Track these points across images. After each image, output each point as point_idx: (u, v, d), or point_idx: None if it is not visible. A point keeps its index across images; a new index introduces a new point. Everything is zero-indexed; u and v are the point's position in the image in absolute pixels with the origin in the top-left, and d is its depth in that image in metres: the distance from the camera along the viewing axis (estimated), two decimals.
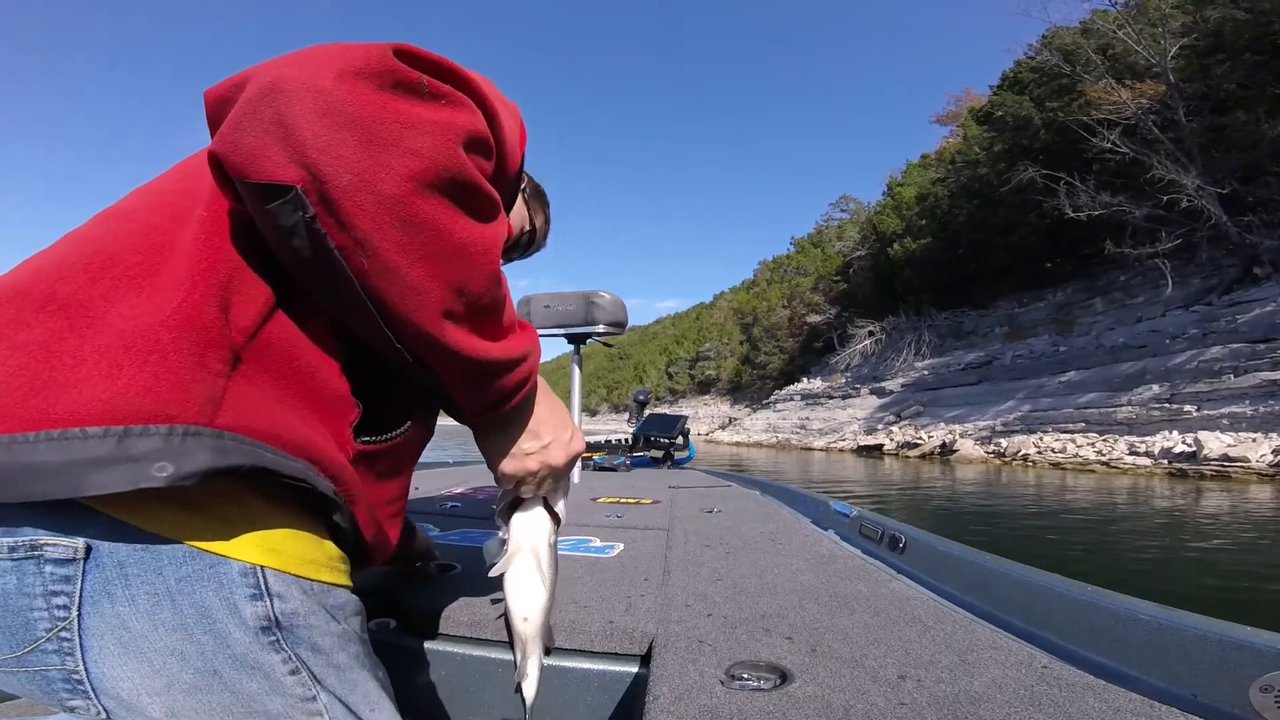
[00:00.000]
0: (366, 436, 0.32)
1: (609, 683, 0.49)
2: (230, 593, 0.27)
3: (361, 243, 0.24)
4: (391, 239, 0.24)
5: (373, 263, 0.24)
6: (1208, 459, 7.01)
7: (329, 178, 0.22)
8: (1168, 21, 10.65)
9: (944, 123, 22.65)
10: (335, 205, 0.23)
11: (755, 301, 28.68)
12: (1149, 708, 0.31)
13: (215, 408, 0.25)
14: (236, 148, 0.23)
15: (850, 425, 15.53)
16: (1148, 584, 2.57)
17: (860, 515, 0.86)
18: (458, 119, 0.25)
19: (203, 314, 0.26)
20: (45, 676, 0.26)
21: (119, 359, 0.24)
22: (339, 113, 0.22)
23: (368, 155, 0.23)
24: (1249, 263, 9.72)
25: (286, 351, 0.29)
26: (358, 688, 0.31)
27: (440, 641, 0.54)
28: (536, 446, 0.37)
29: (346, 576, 0.33)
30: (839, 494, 3.46)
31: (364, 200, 0.23)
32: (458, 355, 0.29)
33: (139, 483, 0.23)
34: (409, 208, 0.24)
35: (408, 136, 0.23)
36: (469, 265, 0.26)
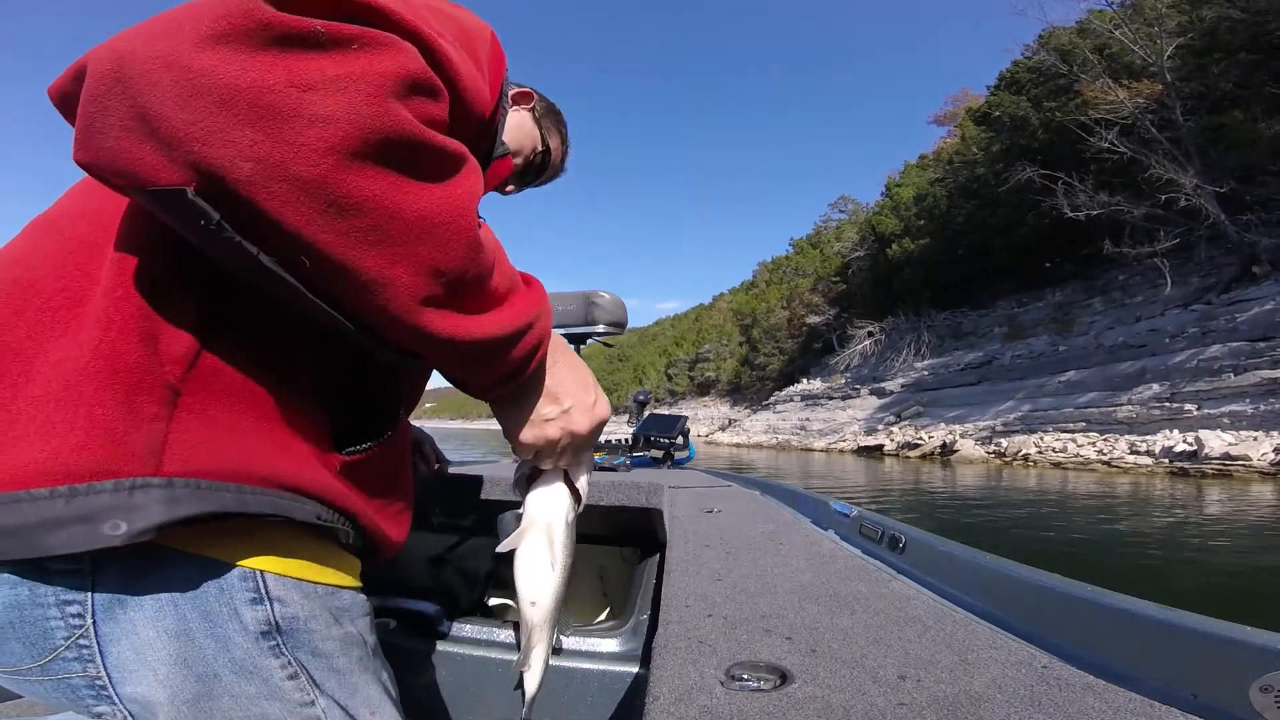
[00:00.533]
0: (352, 446, 0.30)
1: (609, 683, 0.49)
2: (231, 597, 0.26)
3: (293, 241, 0.19)
4: (327, 230, 0.19)
5: (317, 263, 0.20)
6: (1209, 458, 7.02)
7: (225, 172, 0.18)
8: (1164, 21, 10.69)
9: (942, 123, 22.75)
10: (244, 203, 0.18)
11: (754, 303, 28.71)
12: (1149, 708, 0.31)
13: (159, 456, 0.23)
14: (99, 154, 0.19)
15: (850, 426, 15.53)
16: (1149, 584, 2.57)
17: (860, 515, 0.86)
18: (376, 65, 0.19)
19: (122, 354, 0.23)
20: (69, 684, 0.26)
21: (50, 415, 0.23)
22: (210, 90, 0.18)
23: (265, 135, 0.18)
24: (1248, 261, 9.74)
25: (235, 373, 0.26)
26: (358, 691, 0.30)
27: (440, 641, 0.54)
28: (556, 412, 0.33)
29: (354, 576, 0.32)
30: (839, 494, 3.46)
31: (278, 190, 0.18)
32: (451, 342, 0.25)
33: (95, 543, 0.22)
34: (337, 188, 0.19)
35: (310, 101, 0.18)
36: (436, 239, 0.21)
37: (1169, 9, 10.85)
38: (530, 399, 0.32)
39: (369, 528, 0.32)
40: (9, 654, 0.25)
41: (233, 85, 0.18)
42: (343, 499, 0.30)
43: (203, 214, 0.19)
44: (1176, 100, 10.68)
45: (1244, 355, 8.26)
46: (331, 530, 0.30)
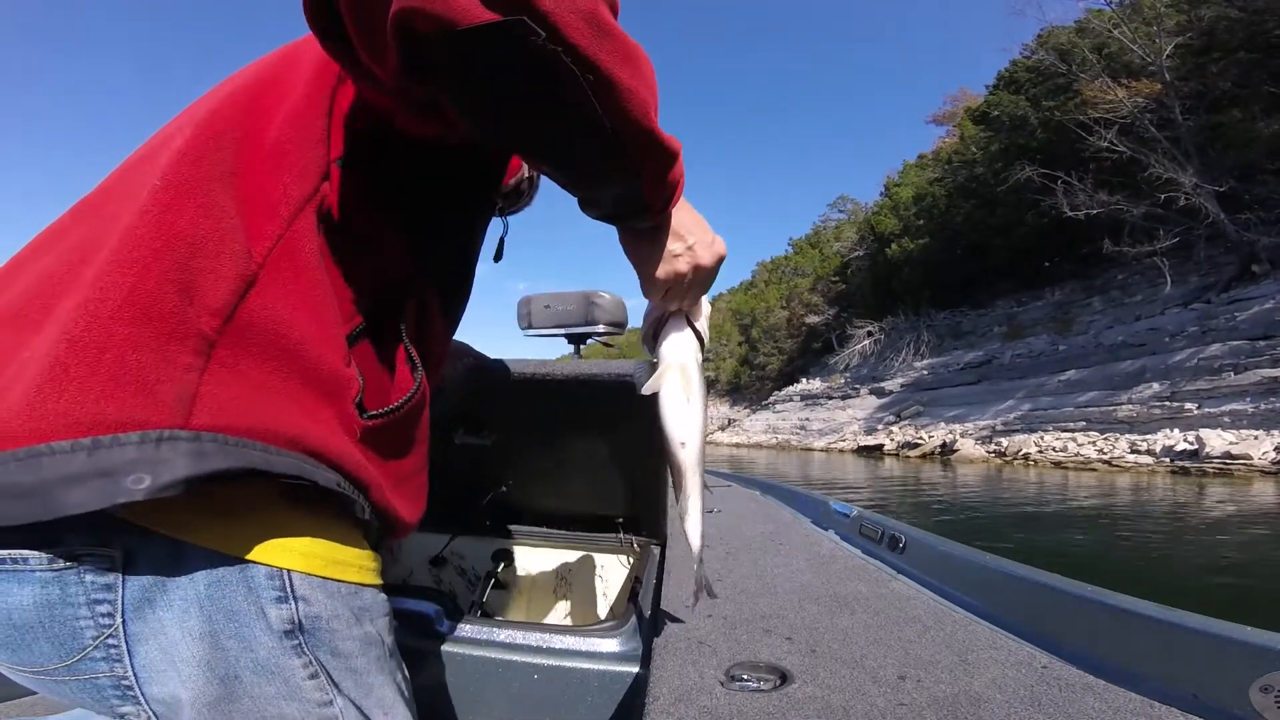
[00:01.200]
0: (374, 410, 0.30)
1: (609, 683, 0.49)
2: (258, 596, 0.26)
3: (581, 59, 0.23)
4: (603, 49, 0.23)
5: (597, 76, 0.23)
6: (1210, 457, 7.01)
7: (537, 5, 0.21)
8: (1162, 20, 10.69)
9: (940, 123, 22.74)
10: (553, 27, 0.21)
11: (753, 302, 28.68)
12: (1149, 708, 0.31)
13: (189, 406, 0.23)
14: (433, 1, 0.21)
15: (850, 426, 15.53)
16: (1149, 584, 2.56)
17: (860, 515, 0.86)
18: None
19: (159, 303, 0.23)
20: (95, 684, 0.26)
21: (71, 360, 0.22)
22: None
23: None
24: (1247, 260, 9.75)
25: (271, 329, 0.26)
26: (373, 692, 0.31)
27: (440, 641, 0.54)
28: (683, 248, 0.36)
29: (376, 575, 0.32)
30: (839, 495, 3.46)
31: (571, 19, 0.22)
32: (665, 148, 0.28)
33: (115, 498, 0.22)
34: (601, 16, 0.23)
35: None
36: (643, 64, 0.26)
37: (1167, 8, 10.85)
38: (666, 234, 0.35)
39: (380, 503, 0.32)
40: (37, 653, 0.25)
41: None
42: (358, 468, 0.30)
43: (533, 33, 0.21)
44: (1175, 99, 10.68)
45: (1244, 354, 8.27)
46: (349, 505, 0.29)
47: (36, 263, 0.27)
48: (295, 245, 0.28)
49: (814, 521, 0.96)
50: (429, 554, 0.84)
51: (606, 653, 0.51)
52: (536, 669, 0.51)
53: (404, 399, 0.33)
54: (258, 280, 0.27)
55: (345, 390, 0.29)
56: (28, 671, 0.26)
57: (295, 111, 0.30)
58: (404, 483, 0.35)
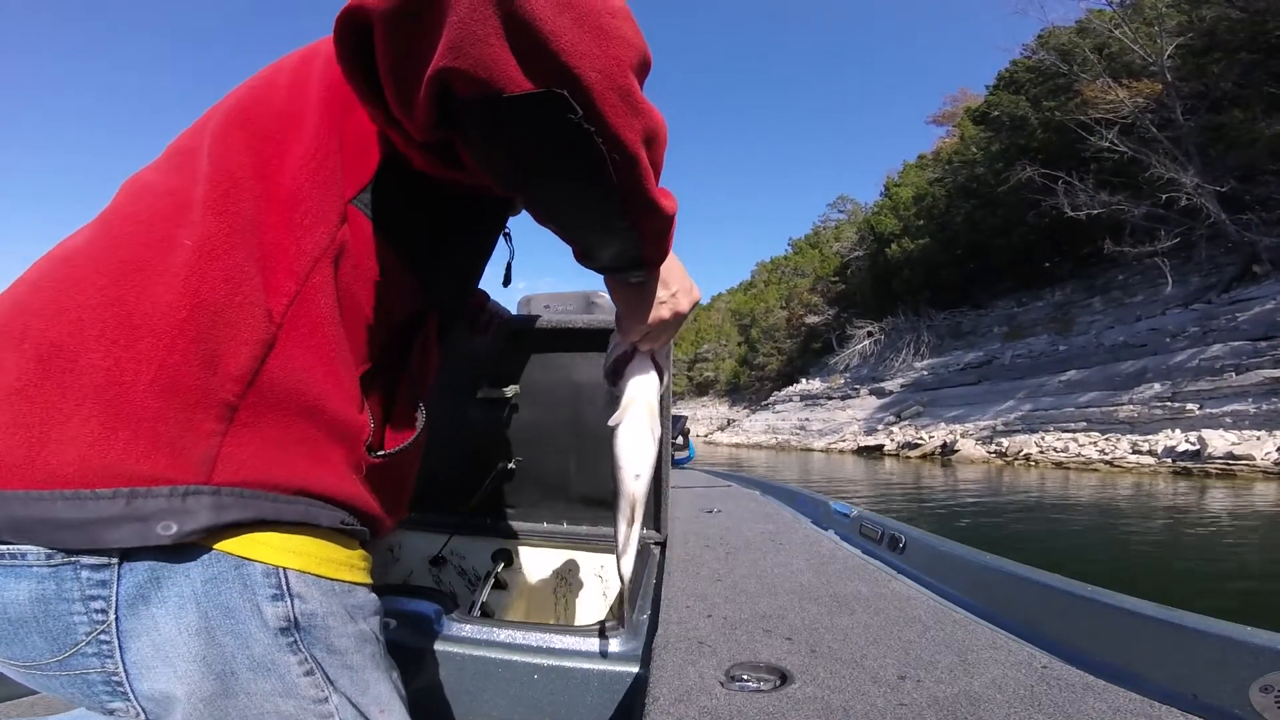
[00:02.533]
0: (382, 450, 0.33)
1: (609, 683, 0.49)
2: (254, 593, 0.27)
3: (612, 137, 0.23)
4: (633, 127, 0.24)
5: (622, 154, 0.24)
6: (1212, 457, 6.99)
7: (581, 78, 0.21)
8: (1164, 21, 10.68)
9: (940, 123, 22.74)
10: (590, 104, 0.22)
11: (753, 303, 28.70)
12: (1149, 708, 0.31)
13: (211, 467, 0.26)
14: (480, 61, 0.21)
15: (850, 426, 15.52)
16: (1149, 584, 2.56)
17: (860, 515, 0.86)
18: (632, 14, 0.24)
19: (185, 375, 0.26)
20: (86, 679, 0.26)
21: (110, 422, 0.25)
22: (570, 7, 0.21)
23: (602, 49, 0.22)
24: (1248, 261, 9.73)
25: (291, 388, 0.28)
26: (370, 689, 0.31)
27: (440, 641, 0.54)
28: (667, 295, 0.38)
29: (368, 575, 0.33)
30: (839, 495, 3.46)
31: (610, 97, 0.22)
32: (666, 212, 0.29)
33: (147, 540, 0.25)
34: (636, 96, 0.23)
35: (621, 26, 0.23)
36: (662, 137, 0.27)
37: (1168, 8, 10.83)
38: (656, 285, 0.37)
39: (375, 517, 0.34)
40: (29, 647, 0.25)
41: (583, 6, 0.22)
42: (363, 503, 0.32)
43: (570, 109, 0.22)
44: (1176, 99, 10.66)
45: (1246, 354, 8.25)
46: (356, 532, 0.32)
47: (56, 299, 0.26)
48: (312, 299, 0.29)
49: (814, 521, 0.96)
50: (429, 554, 0.84)
51: (607, 653, 0.51)
52: (536, 669, 0.51)
53: (410, 441, 0.35)
54: (277, 341, 0.28)
55: (358, 435, 0.31)
56: (18, 665, 0.26)
57: (309, 153, 0.30)
58: (396, 498, 0.37)
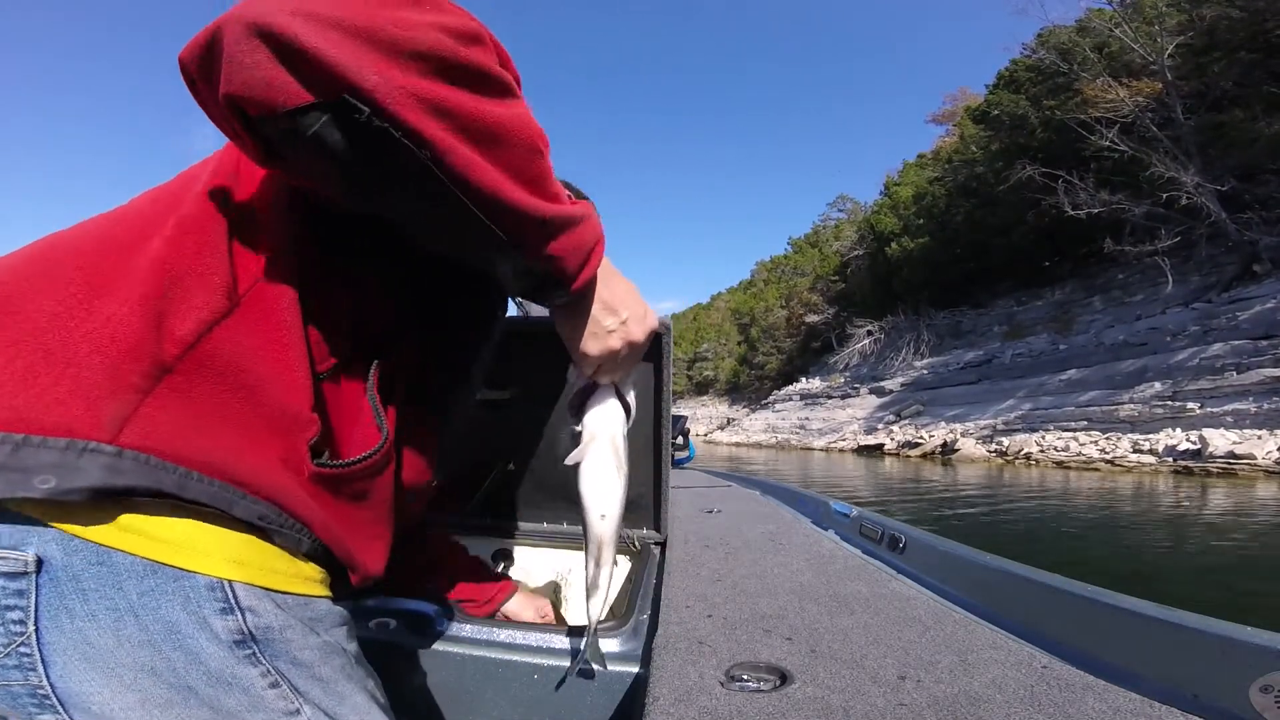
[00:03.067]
0: (330, 460, 0.30)
1: (609, 683, 0.49)
2: (199, 608, 0.26)
3: (414, 135, 0.23)
4: (441, 126, 0.23)
5: (435, 152, 0.24)
6: (1213, 456, 6.98)
7: (358, 80, 0.22)
8: (1164, 20, 10.67)
9: (940, 122, 22.72)
10: (377, 105, 0.22)
11: (753, 302, 28.68)
12: (1149, 708, 0.31)
13: (121, 425, 0.25)
14: (252, 85, 0.22)
15: (850, 425, 15.52)
16: (1150, 583, 2.56)
17: (860, 515, 0.86)
18: (450, 17, 0.24)
19: (125, 326, 0.25)
20: (9, 691, 0.25)
21: (35, 367, 0.24)
22: (340, 22, 0.22)
23: (380, 56, 0.22)
24: (1248, 260, 9.73)
25: (232, 363, 0.27)
26: (345, 700, 0.30)
27: (440, 641, 0.54)
28: (616, 323, 0.36)
29: (325, 587, 0.32)
30: (839, 495, 3.45)
31: (397, 96, 0.22)
32: (547, 220, 0.28)
33: (15, 491, 0.23)
34: (438, 96, 0.23)
35: (407, 36, 0.23)
36: (507, 136, 0.26)
37: (1168, 8, 10.82)
38: (590, 307, 0.35)
39: (332, 542, 0.31)
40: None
41: (355, 23, 0.22)
42: (301, 506, 0.29)
43: (355, 110, 0.22)
44: (1177, 99, 10.65)
45: (1246, 354, 8.24)
46: (284, 535, 0.29)
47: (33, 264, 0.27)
48: (276, 285, 0.29)
49: (814, 521, 0.96)
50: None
51: (606, 653, 0.51)
52: (536, 669, 0.51)
53: (360, 457, 0.31)
54: (230, 316, 0.28)
55: (300, 430, 0.29)
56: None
57: None
58: (359, 529, 0.34)
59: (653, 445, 0.80)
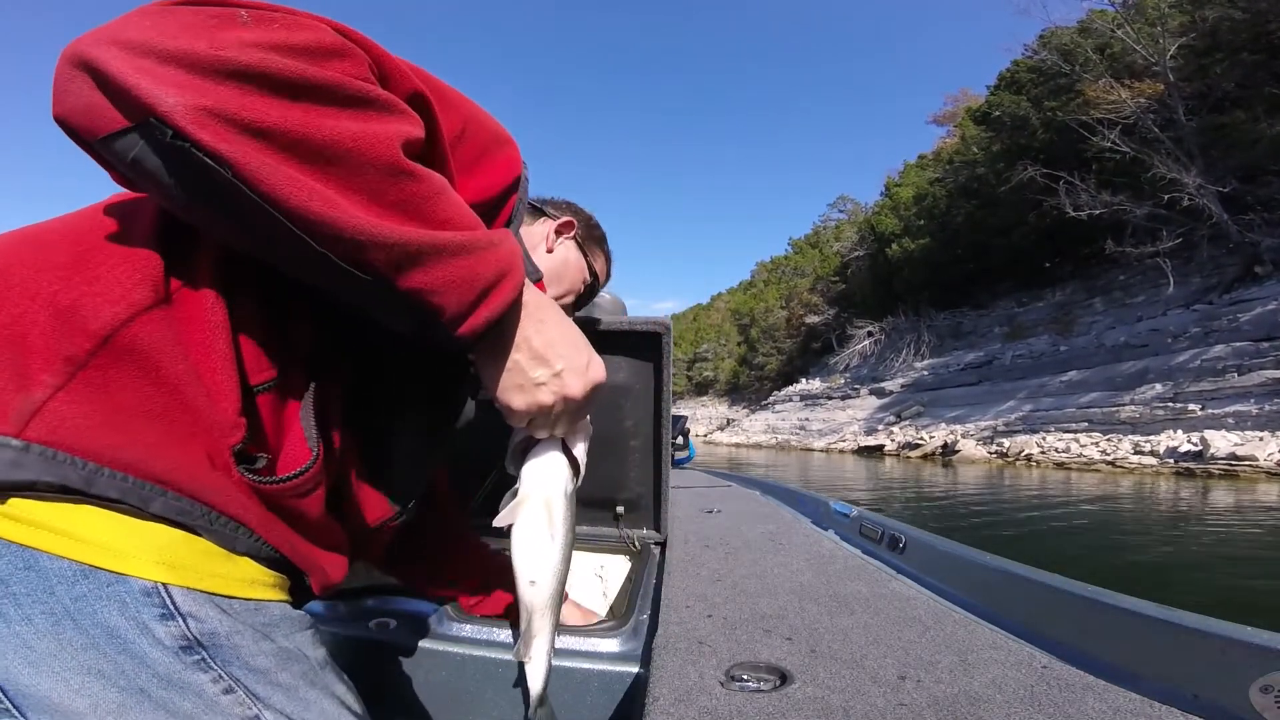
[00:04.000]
0: (259, 472, 0.28)
1: (609, 683, 0.49)
2: (136, 613, 0.25)
3: (213, 154, 0.22)
4: (246, 143, 0.22)
5: (238, 170, 0.22)
6: (1215, 458, 6.96)
7: (155, 102, 0.21)
8: (1166, 21, 10.66)
9: (941, 123, 22.71)
10: (174, 126, 0.22)
11: (753, 302, 28.65)
12: (1149, 708, 0.31)
13: (27, 419, 0.24)
14: (71, 111, 0.23)
15: (850, 426, 15.50)
16: (1150, 583, 2.55)
17: (860, 515, 0.86)
18: (291, 31, 0.24)
19: (31, 321, 0.25)
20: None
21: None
22: (153, 49, 0.22)
23: (186, 76, 0.22)
24: (1250, 261, 9.71)
25: (153, 356, 0.26)
26: (311, 706, 0.29)
27: (440, 641, 0.54)
28: (548, 375, 0.31)
29: (278, 591, 0.31)
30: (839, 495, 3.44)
31: (193, 115, 0.22)
32: (384, 242, 0.25)
33: None
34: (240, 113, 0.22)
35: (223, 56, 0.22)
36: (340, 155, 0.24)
37: (1171, 9, 10.81)
38: (507, 353, 0.31)
39: (279, 543, 0.30)
40: None
41: (167, 48, 0.22)
42: (236, 506, 0.28)
43: (159, 131, 0.22)
44: (1179, 100, 10.63)
45: (1248, 355, 8.23)
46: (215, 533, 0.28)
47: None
48: (205, 287, 0.28)
49: (814, 521, 0.96)
50: None
51: (606, 653, 0.51)
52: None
53: (288, 475, 0.29)
54: (156, 308, 0.26)
55: (224, 434, 0.27)
56: None
57: None
58: (309, 536, 0.32)
59: (653, 445, 0.80)
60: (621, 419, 0.81)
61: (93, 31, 0.23)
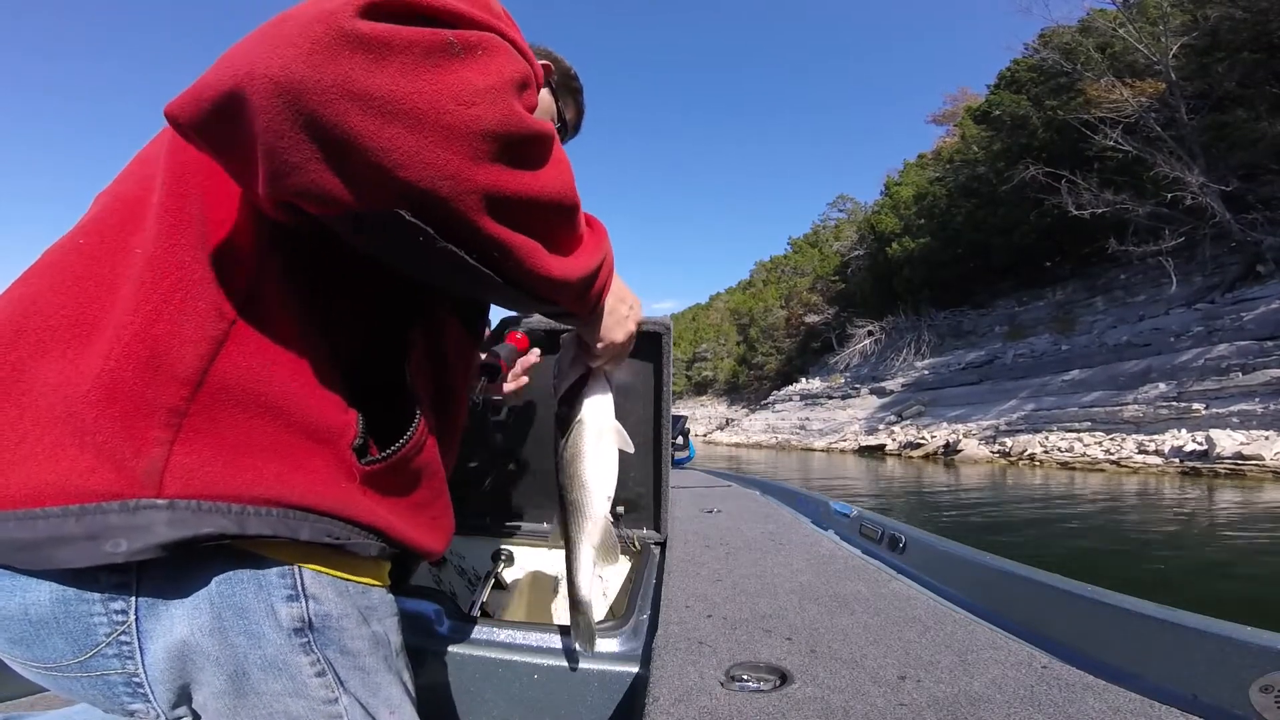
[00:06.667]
0: (373, 456, 0.30)
1: (609, 683, 0.49)
2: (269, 594, 0.27)
3: (475, 236, 0.23)
4: (495, 223, 0.23)
5: (489, 247, 0.23)
6: (1220, 457, 6.93)
7: (431, 191, 0.20)
8: (1167, 20, 10.64)
9: (940, 122, 22.66)
10: (446, 214, 0.21)
11: (752, 302, 28.62)
12: (1149, 708, 0.30)
13: (159, 478, 0.24)
14: (299, 191, 0.20)
15: (851, 425, 15.47)
16: (1151, 582, 2.53)
17: (860, 515, 0.86)
18: (504, 68, 0.22)
19: (122, 382, 0.24)
20: (106, 680, 0.26)
21: (59, 439, 0.24)
22: (399, 115, 0.19)
23: (454, 153, 0.20)
24: (1252, 260, 9.68)
25: (247, 387, 0.26)
26: (380, 691, 0.31)
27: (440, 641, 0.54)
28: (627, 309, 0.39)
29: (384, 576, 0.33)
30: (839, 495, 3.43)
31: (469, 200, 0.21)
32: (582, 282, 0.29)
33: (96, 559, 0.24)
34: (502, 189, 0.22)
35: (475, 116, 0.20)
36: (557, 213, 0.26)
37: (1172, 8, 10.78)
38: (602, 315, 0.37)
39: (400, 538, 0.32)
40: (51, 649, 0.26)
41: (416, 108, 0.20)
42: (367, 514, 0.29)
43: (419, 231, 0.22)
44: (1180, 99, 10.60)
45: (1252, 354, 8.19)
46: (357, 545, 0.29)
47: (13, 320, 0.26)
48: (269, 292, 0.27)
49: (814, 521, 0.96)
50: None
51: (606, 653, 0.51)
52: (536, 669, 0.51)
53: (399, 443, 0.31)
54: (229, 338, 0.26)
55: (339, 437, 0.28)
56: (40, 667, 0.27)
57: None
58: (418, 513, 0.34)
59: (653, 445, 0.80)
60: (621, 419, 0.81)
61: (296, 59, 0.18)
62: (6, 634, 0.25)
